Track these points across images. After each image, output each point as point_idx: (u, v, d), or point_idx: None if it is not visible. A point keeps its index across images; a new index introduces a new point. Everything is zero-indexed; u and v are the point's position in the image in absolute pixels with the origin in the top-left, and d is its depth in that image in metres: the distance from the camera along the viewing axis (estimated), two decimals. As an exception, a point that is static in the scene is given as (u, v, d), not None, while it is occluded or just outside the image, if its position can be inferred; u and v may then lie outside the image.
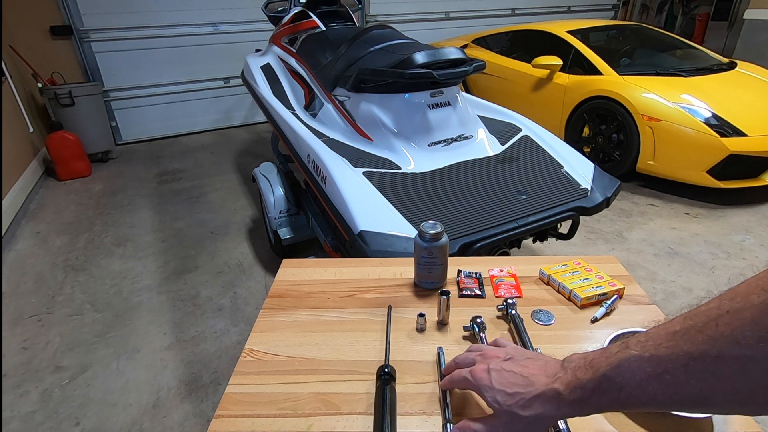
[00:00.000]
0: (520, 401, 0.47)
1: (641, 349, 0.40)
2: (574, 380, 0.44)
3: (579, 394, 0.43)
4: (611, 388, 0.41)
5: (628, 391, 0.40)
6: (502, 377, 0.49)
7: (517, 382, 0.48)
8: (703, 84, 2.83)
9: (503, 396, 0.48)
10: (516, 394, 0.47)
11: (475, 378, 0.51)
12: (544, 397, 0.45)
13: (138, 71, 4.21)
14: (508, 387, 0.48)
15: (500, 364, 0.51)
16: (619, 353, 0.41)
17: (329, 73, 1.93)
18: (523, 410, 0.46)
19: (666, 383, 0.37)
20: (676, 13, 6.78)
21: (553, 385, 0.45)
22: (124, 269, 2.24)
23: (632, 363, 0.40)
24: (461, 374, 0.54)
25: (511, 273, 0.85)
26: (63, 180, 3.43)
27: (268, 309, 0.78)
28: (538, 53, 3.29)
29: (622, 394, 0.40)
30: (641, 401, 0.39)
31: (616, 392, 0.40)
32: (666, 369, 0.37)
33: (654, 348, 0.39)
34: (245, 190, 3.13)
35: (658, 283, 1.98)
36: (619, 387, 0.40)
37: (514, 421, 0.47)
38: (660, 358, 0.38)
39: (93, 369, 1.62)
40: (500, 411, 0.48)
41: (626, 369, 0.40)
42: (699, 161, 2.54)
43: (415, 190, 1.48)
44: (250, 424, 0.56)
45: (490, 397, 0.49)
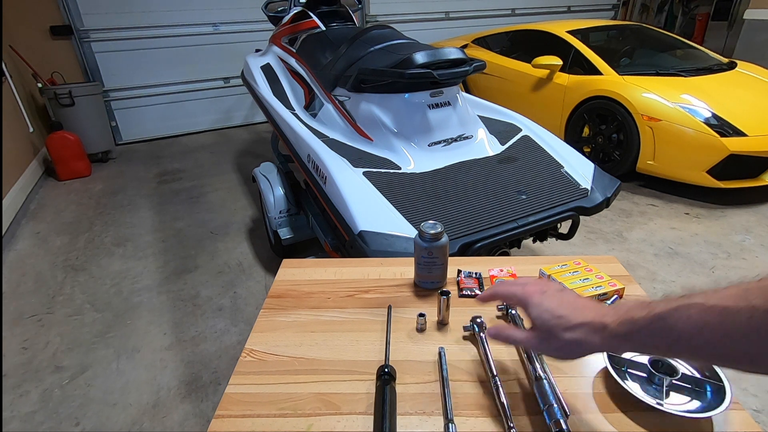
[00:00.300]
0: (564, 324, 0.48)
1: (704, 298, 0.40)
2: (625, 316, 0.44)
3: (627, 328, 0.43)
4: (662, 327, 0.41)
5: (679, 334, 0.40)
6: (552, 300, 0.50)
7: (567, 308, 0.49)
8: (703, 84, 2.83)
9: (549, 315, 0.49)
10: (562, 317, 0.48)
11: (526, 293, 0.52)
12: (590, 326, 0.46)
13: (138, 71, 4.21)
14: (556, 309, 0.49)
15: (555, 292, 0.52)
16: (680, 299, 0.41)
17: (329, 73, 1.93)
18: (564, 332, 0.47)
19: (723, 333, 0.37)
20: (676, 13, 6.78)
21: (602, 318, 0.46)
22: (124, 269, 2.24)
23: (692, 309, 0.40)
24: (511, 288, 0.55)
25: (511, 273, 0.85)
26: (63, 180, 3.43)
27: (268, 309, 0.78)
28: (538, 53, 3.29)
29: (671, 335, 0.40)
30: (689, 347, 0.40)
31: (666, 333, 0.41)
32: (726, 320, 0.37)
33: (719, 299, 0.39)
34: (245, 190, 3.13)
35: (658, 283, 1.98)
36: (670, 328, 0.40)
37: (551, 339, 0.48)
38: (724, 308, 0.38)
39: (93, 369, 1.62)
40: (541, 327, 0.49)
41: (683, 313, 0.40)
42: (699, 161, 2.54)
43: (415, 190, 1.48)
44: (250, 424, 0.56)
45: (535, 314, 0.50)
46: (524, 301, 0.52)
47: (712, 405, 0.53)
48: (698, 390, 0.56)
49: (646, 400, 0.54)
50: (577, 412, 0.56)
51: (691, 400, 0.55)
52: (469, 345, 0.68)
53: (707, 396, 0.55)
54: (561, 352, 0.48)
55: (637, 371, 0.59)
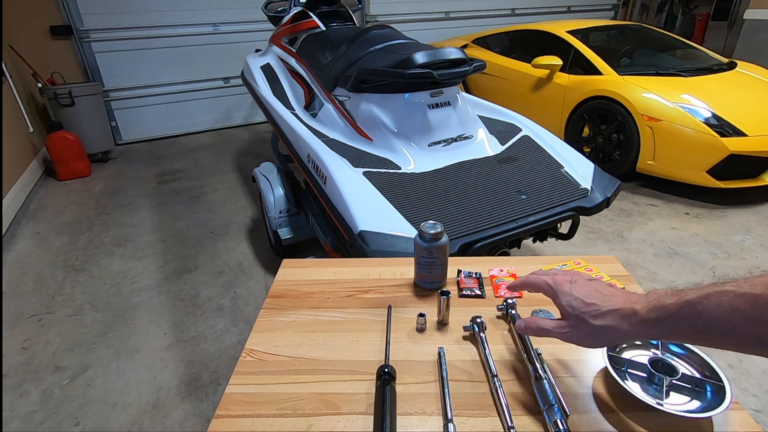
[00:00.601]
0: (594, 311, 0.48)
1: (736, 286, 0.41)
2: (655, 302, 0.45)
3: (657, 314, 0.45)
4: (692, 314, 0.42)
5: (708, 319, 0.41)
6: (582, 288, 0.52)
7: (596, 296, 0.50)
8: (703, 84, 2.83)
9: (579, 303, 0.50)
10: (592, 304, 0.49)
11: (556, 282, 0.53)
12: (620, 313, 0.47)
13: (138, 71, 4.21)
14: (586, 297, 0.50)
15: (584, 281, 0.53)
16: (711, 286, 0.42)
17: (329, 73, 1.93)
18: (594, 319, 0.48)
19: (751, 319, 0.38)
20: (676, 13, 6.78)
21: (633, 305, 0.47)
22: (124, 269, 2.24)
23: (722, 296, 0.41)
24: (541, 278, 0.56)
25: (511, 273, 0.85)
26: (63, 180, 3.43)
27: (268, 309, 0.78)
28: (538, 53, 3.29)
29: (700, 321, 0.41)
30: (717, 332, 0.41)
31: (695, 319, 0.42)
32: (757, 305, 0.38)
33: (750, 287, 0.40)
34: (245, 190, 3.13)
35: (658, 283, 1.98)
36: (699, 314, 0.41)
37: (581, 326, 0.49)
38: (755, 296, 0.39)
39: (93, 369, 1.62)
40: (571, 315, 0.50)
41: (714, 300, 0.41)
42: (699, 161, 2.54)
43: (415, 190, 1.48)
44: (250, 424, 0.56)
45: (565, 302, 0.51)
46: (554, 290, 0.53)
47: (712, 405, 0.53)
48: (698, 390, 0.56)
49: (646, 400, 0.54)
50: (577, 412, 0.56)
51: (691, 400, 0.55)
52: (469, 345, 0.68)
53: (707, 396, 0.55)
54: (591, 338, 0.49)
55: (637, 371, 0.59)
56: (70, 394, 1.51)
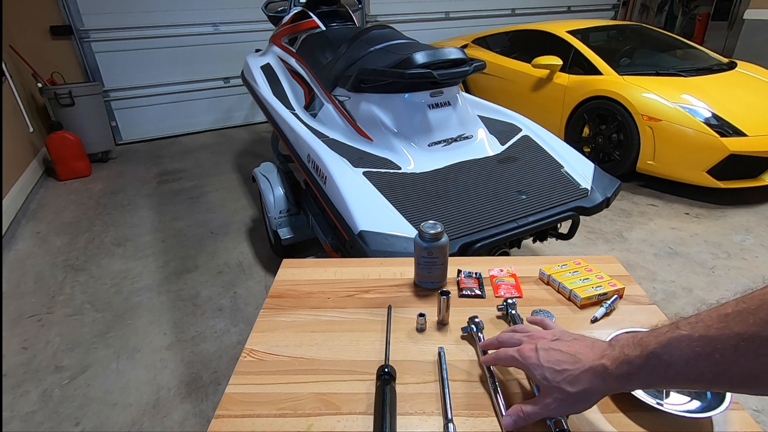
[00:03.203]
0: (568, 377, 0.48)
1: (691, 329, 0.41)
2: (621, 356, 0.45)
3: (626, 369, 0.45)
4: (659, 365, 0.42)
5: (676, 368, 0.41)
6: (550, 355, 0.51)
7: (565, 360, 0.50)
8: (703, 84, 2.83)
9: (552, 373, 0.50)
10: (564, 370, 0.49)
11: (523, 356, 0.53)
12: (592, 372, 0.47)
13: (138, 71, 4.21)
14: (556, 364, 0.50)
15: (548, 344, 0.52)
16: (668, 332, 0.42)
17: (329, 73, 1.93)
18: (571, 386, 0.48)
19: (714, 362, 0.39)
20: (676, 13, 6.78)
21: (601, 361, 0.47)
22: (124, 269, 2.24)
23: (681, 342, 0.41)
24: (508, 353, 0.55)
25: (511, 273, 0.85)
26: (63, 180, 3.43)
27: (268, 309, 0.78)
28: (538, 53, 3.29)
29: (669, 371, 0.41)
30: (688, 379, 0.41)
31: (664, 369, 0.42)
32: (715, 348, 0.38)
33: (704, 328, 0.40)
34: (245, 190, 3.13)
35: (658, 283, 1.98)
36: (667, 364, 0.41)
37: (563, 397, 0.49)
38: (710, 338, 0.39)
39: (93, 369, 1.62)
40: (549, 387, 0.50)
41: (675, 347, 0.41)
42: (699, 161, 2.54)
43: (415, 190, 1.48)
44: (250, 424, 0.56)
45: (539, 375, 0.51)
46: (524, 365, 0.53)
47: (712, 405, 0.53)
48: (698, 390, 0.56)
49: (646, 400, 0.54)
50: (577, 412, 0.56)
51: (691, 400, 0.55)
52: (468, 345, 0.68)
53: (707, 396, 0.55)
54: (577, 405, 0.49)
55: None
56: (70, 394, 1.51)
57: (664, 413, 0.53)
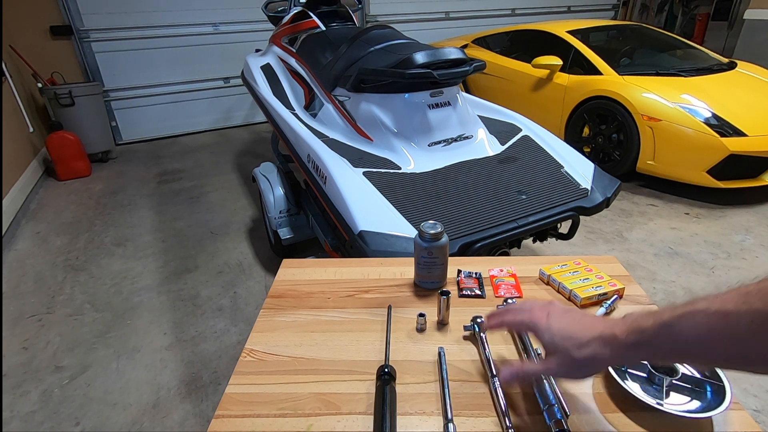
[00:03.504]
0: (576, 342, 0.49)
1: (708, 303, 0.41)
2: (633, 325, 0.46)
3: (636, 338, 0.45)
4: (670, 335, 0.42)
5: (687, 340, 0.41)
6: (560, 322, 0.52)
7: (575, 327, 0.50)
8: (703, 84, 2.83)
9: (560, 337, 0.50)
10: (573, 337, 0.50)
11: (533, 319, 0.54)
12: (600, 340, 0.48)
13: (138, 71, 4.21)
14: (565, 330, 0.51)
15: (560, 313, 0.53)
16: (685, 306, 0.43)
17: (329, 73, 1.93)
18: (578, 350, 0.48)
19: (727, 337, 0.38)
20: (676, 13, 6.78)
21: (612, 330, 0.47)
22: (124, 269, 2.24)
23: (697, 315, 0.41)
24: (518, 317, 0.56)
25: (511, 273, 0.85)
26: (63, 180, 3.43)
27: (268, 309, 0.78)
28: (538, 53, 3.29)
29: (679, 343, 0.42)
30: (698, 353, 0.41)
31: (674, 341, 0.42)
32: (730, 323, 0.38)
33: (721, 303, 0.40)
34: (245, 190, 3.13)
35: (658, 283, 1.98)
36: (678, 336, 0.42)
37: (567, 361, 0.49)
38: (726, 313, 0.39)
39: (93, 369, 1.62)
40: (555, 351, 0.51)
41: (689, 320, 0.41)
42: (699, 161, 2.54)
43: (415, 190, 1.48)
44: (250, 424, 0.56)
45: (546, 338, 0.52)
46: (533, 328, 0.54)
47: (712, 405, 0.53)
48: (698, 390, 0.56)
49: (646, 400, 0.54)
50: (577, 412, 0.56)
51: (691, 400, 0.55)
52: (469, 345, 0.68)
53: (707, 396, 0.55)
54: (578, 371, 0.50)
55: (637, 371, 0.59)
56: (70, 394, 1.51)
57: (664, 413, 0.53)
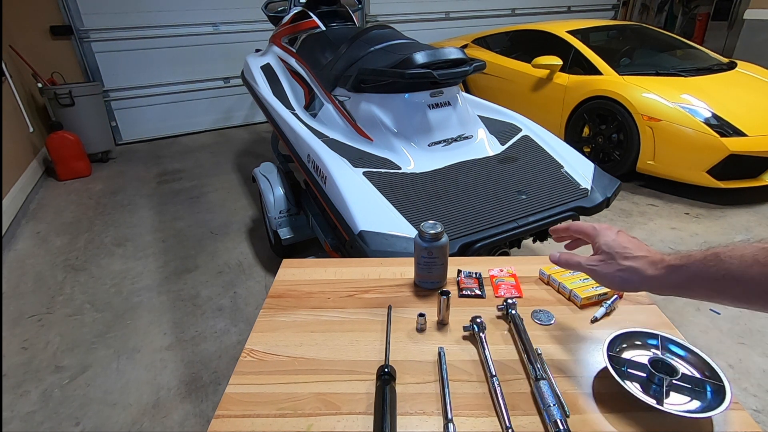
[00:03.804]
0: (626, 252, 0.56)
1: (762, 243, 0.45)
2: (685, 253, 0.51)
3: (681, 261, 0.50)
4: (715, 262, 0.47)
5: (728, 267, 0.45)
6: (623, 237, 0.59)
7: (633, 244, 0.57)
8: (703, 84, 2.83)
9: (616, 244, 0.58)
10: (626, 249, 0.56)
11: (601, 227, 0.62)
12: (648, 259, 0.54)
13: (138, 71, 4.21)
14: (624, 242, 0.58)
15: (625, 233, 0.60)
16: (740, 242, 0.46)
17: (329, 73, 1.93)
18: (624, 260, 0.55)
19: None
20: (676, 13, 6.77)
21: (662, 255, 0.54)
22: (124, 269, 2.24)
23: (747, 248, 0.45)
24: (585, 224, 0.64)
25: (511, 273, 0.85)
26: (63, 180, 3.43)
27: (268, 309, 0.78)
28: (538, 53, 3.29)
29: (720, 269, 0.46)
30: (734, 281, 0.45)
31: (716, 267, 0.46)
32: None
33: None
34: (245, 190, 3.13)
35: (658, 283, 1.98)
36: (722, 262, 0.46)
37: (609, 263, 0.57)
38: None
39: (93, 369, 1.62)
40: (605, 253, 0.58)
41: (737, 251, 0.46)
42: (699, 161, 2.54)
43: (415, 190, 1.48)
44: (250, 424, 0.56)
45: (603, 242, 0.59)
46: (596, 233, 0.61)
47: (712, 405, 0.53)
48: (698, 390, 0.56)
49: (646, 400, 0.54)
50: (577, 412, 0.56)
51: (691, 400, 0.55)
52: (468, 345, 0.68)
53: (707, 396, 0.55)
54: (615, 277, 0.55)
55: (637, 371, 0.59)
56: (70, 394, 1.51)
57: (664, 413, 0.53)
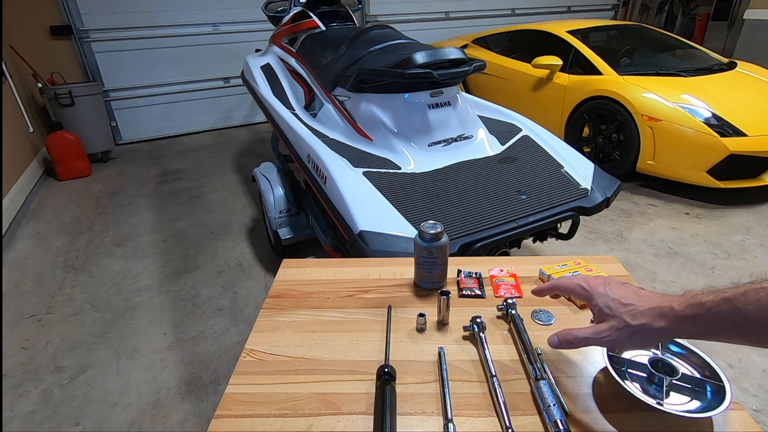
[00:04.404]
0: (632, 310, 0.49)
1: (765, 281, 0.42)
2: (692, 300, 0.46)
3: (694, 310, 0.45)
4: (730, 311, 0.43)
5: (746, 315, 0.42)
6: (617, 290, 0.53)
7: (632, 297, 0.51)
8: (703, 84, 2.83)
9: (616, 303, 0.51)
10: (629, 304, 0.50)
11: (590, 285, 0.55)
12: (657, 311, 0.48)
13: (138, 71, 4.21)
14: (622, 298, 0.51)
15: (616, 283, 0.54)
16: (748, 284, 0.43)
17: (329, 73, 1.93)
18: (633, 319, 0.49)
19: None
20: (676, 13, 6.78)
21: (669, 303, 0.48)
22: (124, 269, 2.24)
23: (760, 293, 0.42)
24: (573, 280, 0.56)
25: (511, 273, 0.85)
26: (63, 180, 3.43)
27: (268, 309, 0.77)
28: (538, 53, 3.29)
29: (739, 318, 0.42)
30: (757, 329, 0.41)
31: (734, 315, 0.43)
32: None
33: None
34: (245, 190, 3.13)
35: (658, 283, 1.98)
36: (739, 311, 0.42)
37: (621, 327, 0.49)
38: None
39: (93, 369, 1.62)
40: (609, 315, 0.51)
41: (752, 296, 0.42)
42: (699, 161, 2.54)
43: (415, 190, 1.48)
44: (250, 424, 0.56)
45: (602, 303, 0.52)
46: (589, 292, 0.54)
47: (712, 405, 0.53)
48: (698, 390, 0.56)
49: (646, 400, 0.54)
50: (577, 412, 0.56)
51: (691, 400, 0.55)
52: (469, 345, 0.68)
53: (707, 396, 0.55)
54: (632, 339, 0.49)
55: (637, 371, 0.59)
56: (70, 394, 1.51)
57: (664, 413, 0.53)
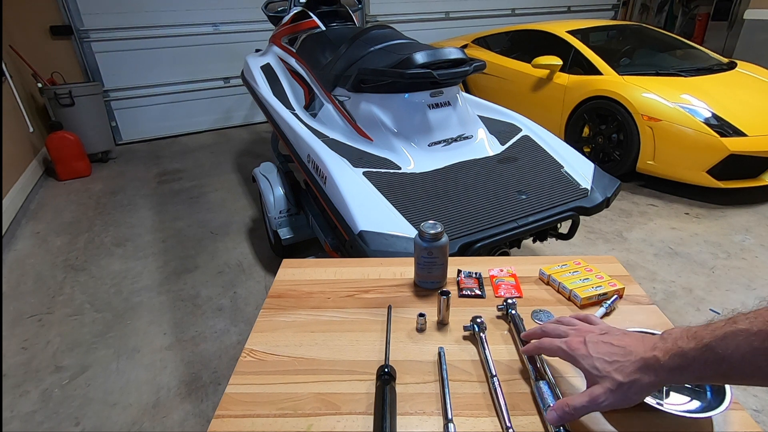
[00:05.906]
0: (619, 368, 0.48)
1: (749, 324, 0.40)
2: (674, 348, 0.44)
3: (679, 362, 0.44)
4: (714, 358, 0.42)
5: (731, 363, 0.41)
6: (600, 347, 0.50)
7: (616, 352, 0.49)
8: (703, 84, 2.83)
9: (602, 363, 0.49)
10: (615, 361, 0.48)
11: (572, 347, 0.53)
12: (644, 363, 0.46)
13: (138, 71, 4.21)
14: (606, 356, 0.49)
15: (597, 337, 0.52)
16: (725, 326, 0.42)
17: (329, 73, 1.93)
18: (623, 376, 0.47)
19: None
20: (676, 13, 6.78)
21: (653, 353, 0.46)
22: (124, 269, 2.24)
23: (739, 336, 0.40)
24: (554, 343, 0.55)
25: (511, 273, 0.85)
26: (63, 180, 3.43)
27: (268, 309, 0.77)
28: (538, 53, 3.29)
29: (724, 365, 0.41)
30: (744, 374, 0.41)
31: (718, 363, 0.41)
32: None
33: (763, 323, 0.39)
34: (245, 190, 3.13)
35: (658, 283, 1.98)
36: (722, 358, 0.41)
37: (614, 389, 0.48)
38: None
39: (93, 369, 1.62)
40: (599, 377, 0.49)
41: (732, 341, 0.41)
42: (699, 161, 2.54)
43: (415, 190, 1.48)
44: (250, 424, 0.56)
45: (588, 365, 0.50)
46: (571, 357, 0.52)
47: (712, 405, 0.53)
48: (698, 390, 0.56)
49: (646, 400, 0.54)
50: (577, 412, 0.56)
51: (691, 400, 0.55)
52: (469, 345, 0.68)
53: (707, 396, 0.55)
54: (627, 396, 0.48)
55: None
56: (70, 394, 1.51)
57: (664, 413, 0.53)
